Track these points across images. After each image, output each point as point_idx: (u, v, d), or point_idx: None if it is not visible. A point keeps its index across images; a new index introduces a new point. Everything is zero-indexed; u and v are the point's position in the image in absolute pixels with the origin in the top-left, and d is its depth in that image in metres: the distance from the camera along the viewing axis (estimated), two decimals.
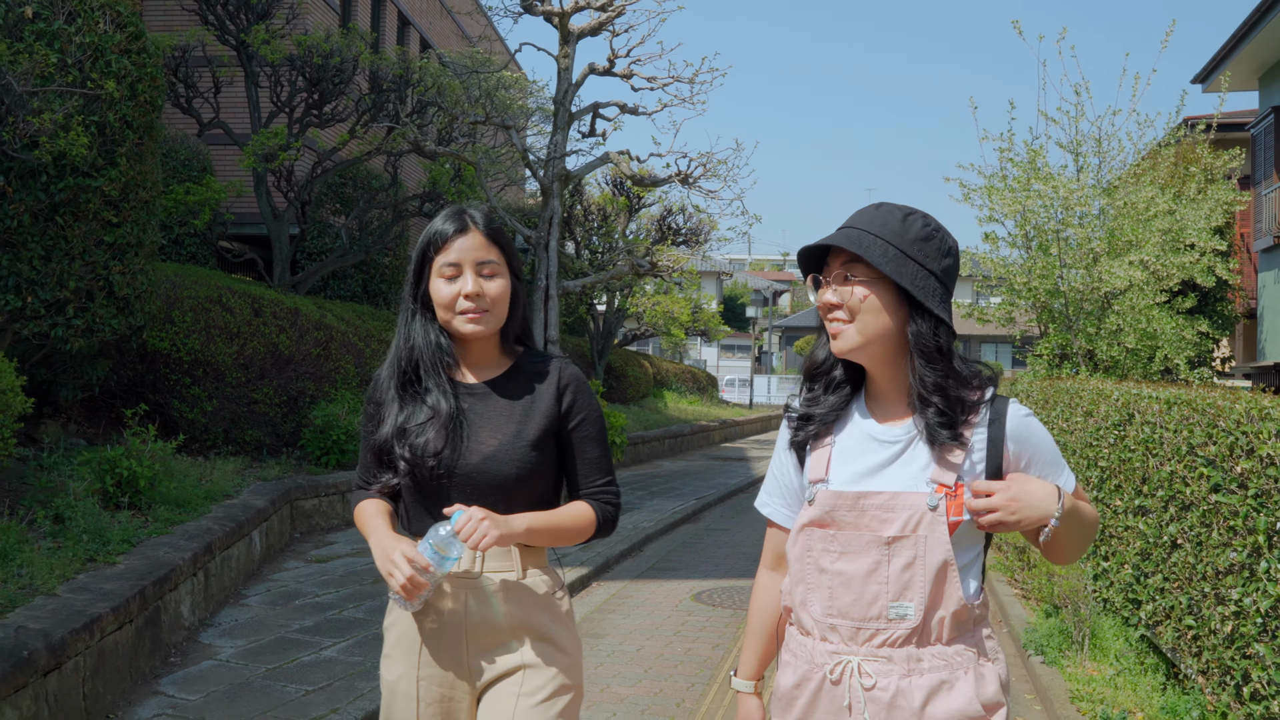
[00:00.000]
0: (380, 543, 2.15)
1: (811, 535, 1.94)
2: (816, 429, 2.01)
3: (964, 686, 1.85)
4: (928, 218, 1.96)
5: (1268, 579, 3.45)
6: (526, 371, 2.29)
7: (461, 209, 2.27)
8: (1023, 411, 1.94)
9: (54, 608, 4.35)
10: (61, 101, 6.60)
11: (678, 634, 6.39)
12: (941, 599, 1.86)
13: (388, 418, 2.23)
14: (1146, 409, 5.21)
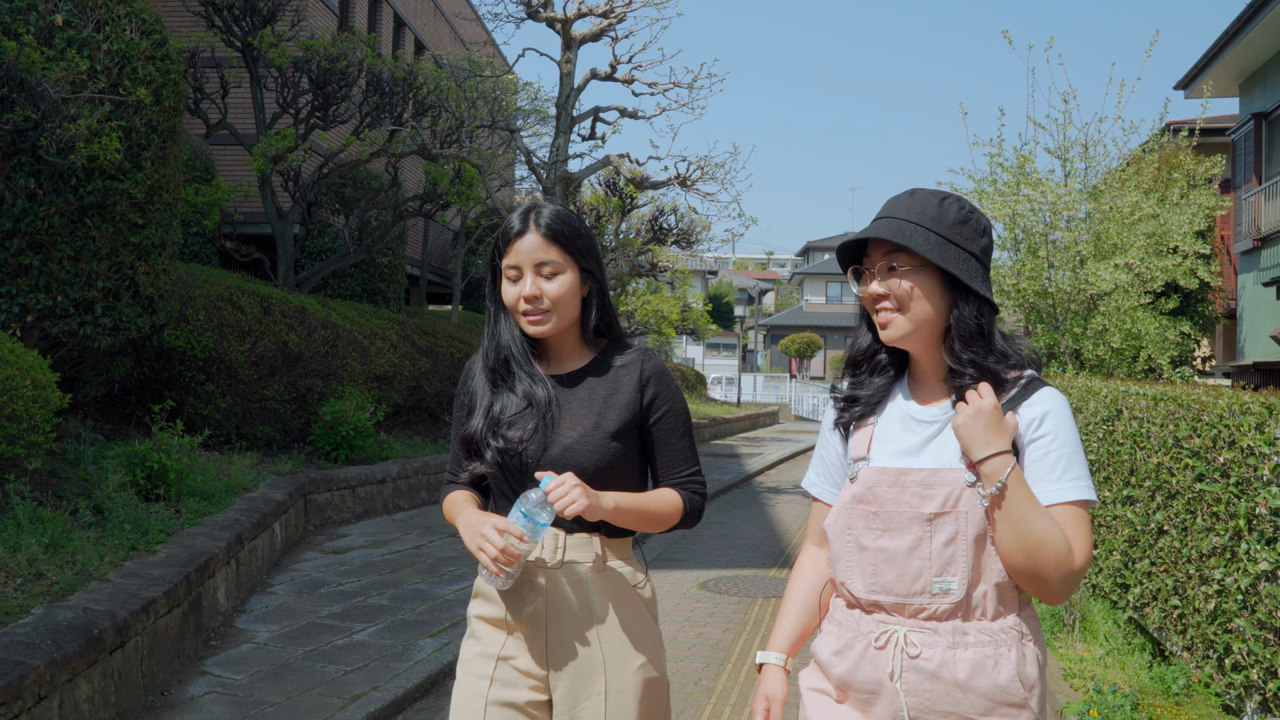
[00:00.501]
0: (468, 521, 2.16)
1: (853, 513, 1.96)
2: (862, 410, 2.03)
3: (1007, 663, 1.84)
4: (961, 200, 1.98)
5: (1247, 559, 3.76)
6: (608, 363, 2.28)
7: (529, 207, 2.27)
8: (1057, 395, 1.94)
9: (110, 592, 4.61)
10: (93, 108, 6.83)
11: (689, 619, 6.69)
12: (983, 573, 1.86)
13: (479, 408, 2.26)
14: (1134, 405, 5.54)
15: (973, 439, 1.81)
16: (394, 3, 20.59)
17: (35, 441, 5.87)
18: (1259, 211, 14.12)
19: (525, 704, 2.17)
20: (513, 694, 2.17)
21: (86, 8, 7.31)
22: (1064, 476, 1.85)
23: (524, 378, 2.23)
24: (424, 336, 13.96)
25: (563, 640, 2.16)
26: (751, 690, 5.26)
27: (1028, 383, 1.91)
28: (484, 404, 2.26)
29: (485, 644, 2.21)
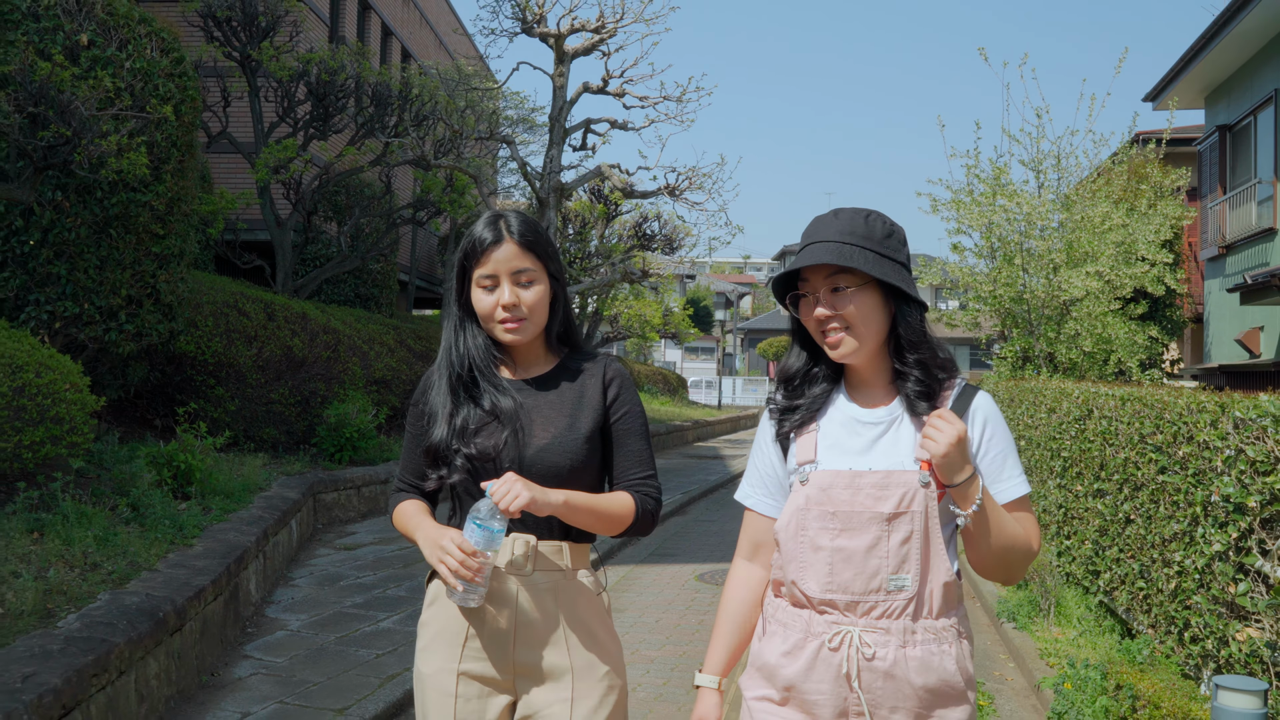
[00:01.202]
0: (427, 535, 2.17)
1: (807, 514, 1.99)
2: (801, 418, 2.08)
3: (949, 659, 1.95)
4: (881, 215, 2.04)
5: (1203, 541, 4.21)
6: (572, 368, 2.32)
7: (497, 216, 2.27)
8: (988, 399, 2.05)
9: (162, 580, 4.96)
10: (119, 124, 7.16)
11: (689, 608, 7.10)
12: (933, 571, 1.95)
13: (440, 420, 2.24)
14: (1104, 405, 5.99)
15: (953, 465, 1.87)
16: (381, 12, 20.91)
17: (75, 442, 6.22)
18: (1224, 220, 14.67)
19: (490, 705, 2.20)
20: (479, 706, 2.18)
21: (110, 27, 7.65)
22: (1009, 476, 1.99)
23: (489, 389, 2.23)
24: (418, 341, 14.31)
25: (531, 647, 2.18)
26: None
27: (963, 388, 2.03)
28: (446, 413, 2.23)
29: (443, 659, 2.20)
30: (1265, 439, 3.79)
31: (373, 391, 12.08)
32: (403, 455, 2.38)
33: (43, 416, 5.92)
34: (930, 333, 2.02)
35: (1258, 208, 13.48)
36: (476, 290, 2.23)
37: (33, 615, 4.09)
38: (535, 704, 2.18)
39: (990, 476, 1.99)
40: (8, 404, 5.72)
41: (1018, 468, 2.02)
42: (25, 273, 7.24)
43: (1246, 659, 3.78)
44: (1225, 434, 4.14)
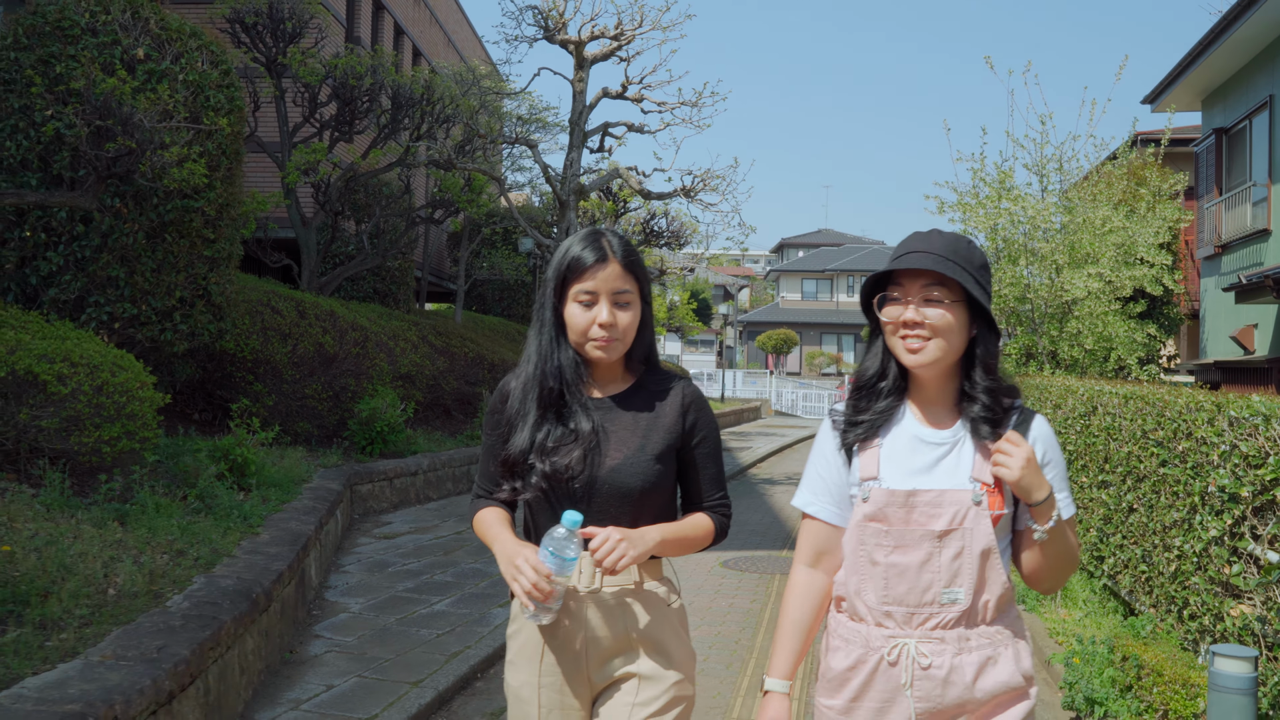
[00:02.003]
0: (504, 549, 2.21)
1: (865, 530, 2.08)
2: (865, 432, 2.14)
3: (1006, 661, 2.03)
4: (976, 246, 2.12)
5: (1201, 528, 4.65)
6: (649, 389, 2.34)
7: (599, 234, 2.29)
8: (1046, 423, 2.14)
9: (243, 565, 5.39)
10: (175, 135, 7.55)
11: (719, 592, 7.55)
12: (986, 584, 2.03)
13: (522, 431, 2.27)
14: (1107, 403, 6.43)
15: (1031, 485, 1.97)
16: (394, 12, 21.27)
17: (146, 437, 6.65)
18: (1220, 220, 15.12)
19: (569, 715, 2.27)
20: (557, 715, 2.26)
21: (163, 41, 8.06)
22: (1063, 496, 2.08)
23: (576, 407, 2.27)
24: (439, 337, 14.73)
25: (602, 659, 2.24)
26: None
27: (1021, 413, 2.12)
28: (530, 425, 2.27)
29: (526, 673, 2.28)
30: (1257, 435, 4.22)
31: (399, 386, 12.50)
32: (481, 462, 2.42)
33: (119, 413, 6.35)
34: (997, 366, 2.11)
35: (1252, 209, 13.92)
36: (573, 305, 2.24)
37: (145, 596, 4.52)
38: (609, 705, 2.24)
39: None
40: (89, 401, 6.14)
41: (1067, 491, 2.11)
42: (85, 276, 7.65)
43: (1240, 632, 4.22)
44: (1221, 431, 4.57)
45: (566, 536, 2.09)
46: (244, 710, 4.56)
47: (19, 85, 7.60)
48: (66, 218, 7.59)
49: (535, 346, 2.30)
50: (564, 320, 2.27)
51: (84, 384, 6.13)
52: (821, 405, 38.69)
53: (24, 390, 5.98)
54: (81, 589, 4.38)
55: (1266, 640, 4.03)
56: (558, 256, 2.27)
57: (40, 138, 7.53)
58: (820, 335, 63.80)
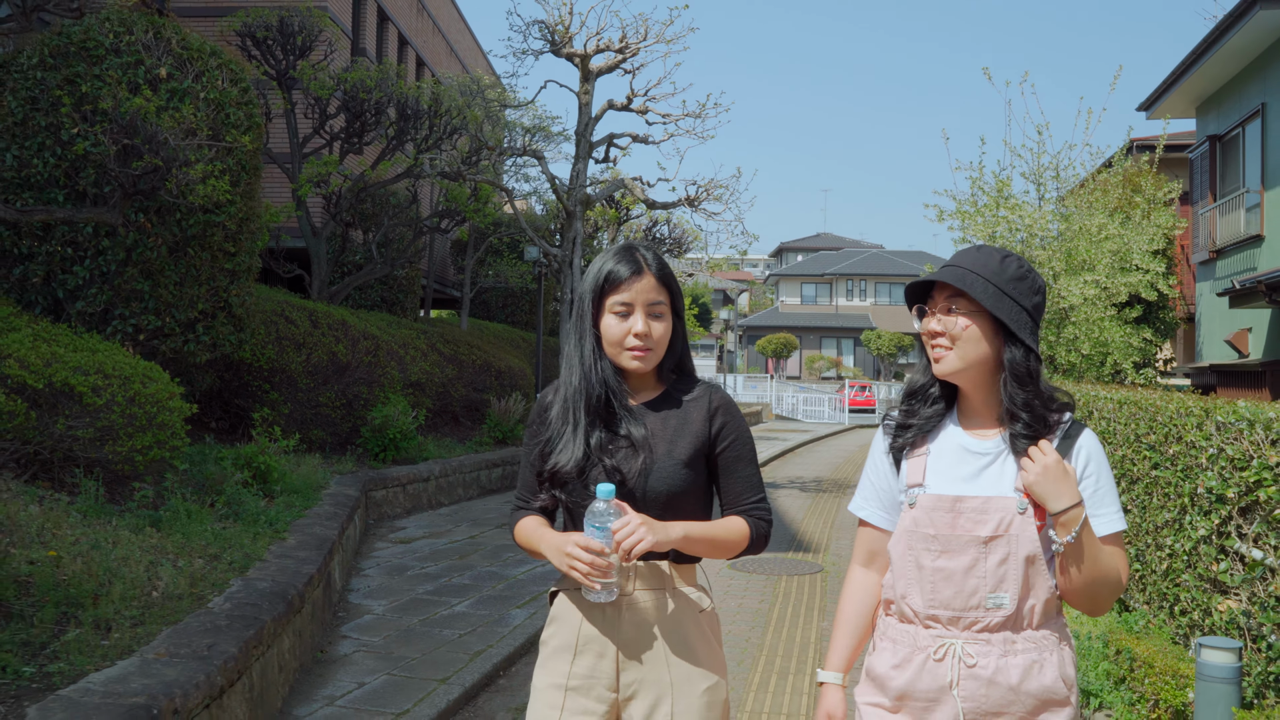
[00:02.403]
0: (552, 543, 2.25)
1: (913, 535, 2.15)
2: (914, 437, 2.22)
3: (1051, 666, 2.07)
4: (1022, 260, 2.16)
5: (1190, 528, 4.88)
6: (677, 396, 2.38)
7: (633, 248, 2.36)
8: (1094, 437, 2.15)
9: (275, 569, 5.62)
10: (199, 153, 7.79)
11: (728, 592, 7.78)
12: (1031, 589, 2.07)
13: (574, 440, 2.30)
14: (1103, 408, 6.67)
15: (1047, 494, 2.01)
16: (398, 23, 21.54)
17: (176, 446, 6.89)
18: (1214, 226, 15.37)
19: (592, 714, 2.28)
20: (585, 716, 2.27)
21: (185, 60, 8.30)
22: (1105, 512, 2.09)
23: (624, 414, 2.32)
24: (446, 345, 14.98)
25: (633, 664, 2.27)
26: (792, 644, 6.34)
27: (1070, 425, 2.14)
28: (580, 435, 2.31)
29: (554, 674, 2.30)
30: (1242, 440, 4.46)
31: (409, 394, 12.74)
32: (521, 474, 2.46)
33: (150, 423, 6.58)
34: (1039, 375, 2.12)
35: (1246, 215, 14.17)
36: (610, 316, 2.30)
37: (187, 598, 4.75)
38: (643, 711, 2.25)
39: (1090, 509, 2.07)
40: (122, 412, 6.38)
41: (1115, 504, 2.11)
42: (111, 289, 7.88)
43: (1226, 626, 4.46)
44: (1209, 435, 4.81)
45: (605, 509, 2.14)
46: (283, 706, 4.79)
47: (45, 104, 7.84)
48: (92, 233, 7.82)
49: (578, 358, 2.34)
50: (600, 332, 2.33)
51: (117, 395, 6.37)
52: (822, 409, 38.92)
53: (60, 401, 6.21)
54: (128, 591, 4.61)
55: (1251, 633, 4.27)
56: (593, 271, 2.33)
57: (66, 155, 7.76)
58: (820, 339, 64.06)
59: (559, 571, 2.29)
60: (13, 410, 5.95)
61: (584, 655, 2.28)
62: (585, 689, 2.27)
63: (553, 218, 19.53)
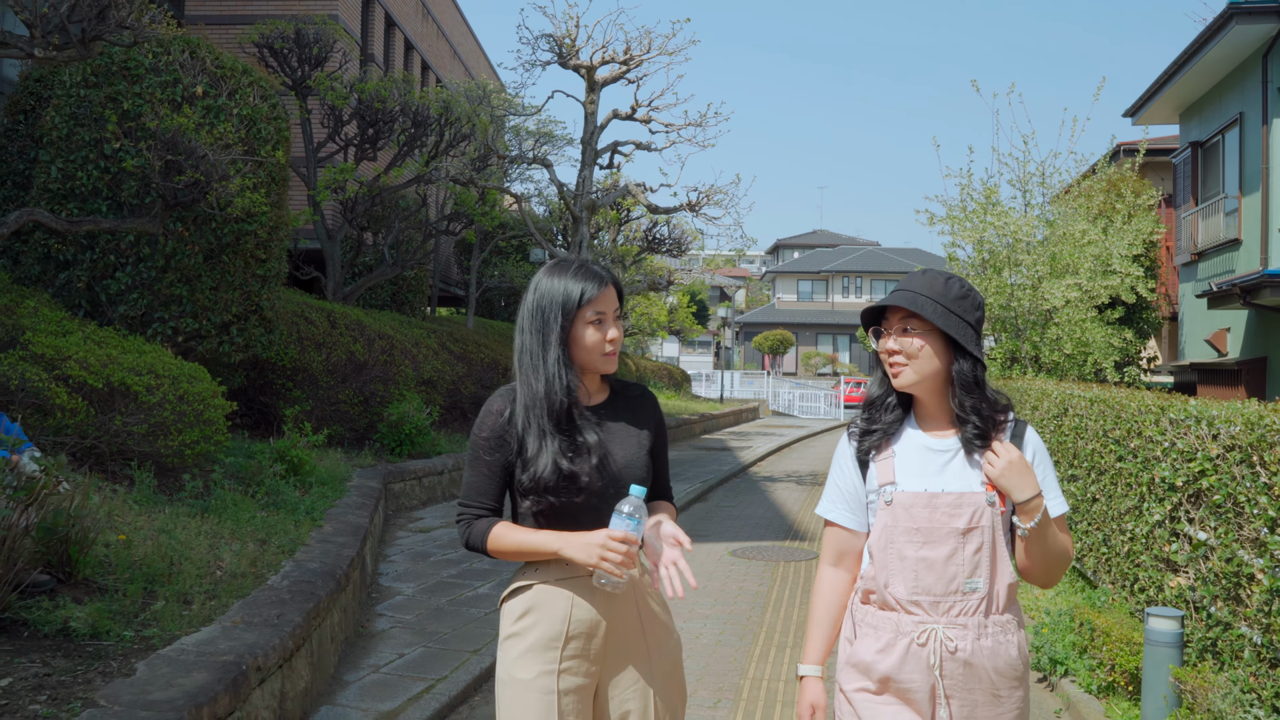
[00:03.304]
0: (571, 541, 2.39)
1: (893, 530, 2.34)
2: (878, 441, 2.43)
3: (1013, 646, 2.32)
4: (963, 281, 2.39)
5: (1147, 514, 5.45)
6: (623, 395, 2.63)
7: (587, 264, 2.54)
8: (1035, 432, 2.43)
9: (319, 552, 6.17)
10: (236, 167, 8.32)
11: (729, 577, 8.34)
12: (999, 574, 2.31)
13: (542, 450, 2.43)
14: (1076, 405, 7.23)
15: (1012, 486, 2.26)
16: (404, 29, 22.05)
17: (219, 441, 7.44)
18: (1195, 229, 15.94)
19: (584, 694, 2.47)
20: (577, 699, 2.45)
21: (219, 78, 8.83)
22: (1051, 497, 2.33)
23: (582, 421, 2.49)
24: (455, 343, 15.51)
25: (618, 637, 2.50)
26: (789, 622, 6.90)
27: (1014, 424, 2.40)
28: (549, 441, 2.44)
29: (545, 663, 2.42)
30: (1189, 434, 5.02)
31: (423, 391, 13.28)
32: (475, 482, 2.52)
33: (197, 419, 7.13)
34: (984, 382, 2.37)
35: (1225, 219, 14.74)
36: (586, 328, 2.48)
37: (249, 576, 5.30)
38: (621, 677, 2.50)
39: None
40: (173, 409, 6.92)
41: (1059, 491, 2.38)
42: (151, 294, 8.41)
43: (1175, 600, 5.03)
44: (1164, 430, 5.38)
45: (636, 506, 2.35)
46: (334, 672, 5.34)
47: (89, 120, 8.38)
48: (133, 241, 8.35)
49: (543, 369, 2.47)
50: (571, 343, 2.49)
51: (169, 394, 6.91)
52: (818, 405, 39.50)
53: (116, 399, 6.75)
54: (197, 570, 5.16)
55: (1195, 605, 4.83)
56: (560, 289, 2.48)
57: (109, 168, 8.30)
58: (816, 336, 64.64)
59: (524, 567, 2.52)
60: (75, 408, 6.49)
61: (576, 639, 2.43)
62: (574, 669, 2.44)
63: (555, 219, 20.05)
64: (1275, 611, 3.94)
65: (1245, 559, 4.27)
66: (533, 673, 2.41)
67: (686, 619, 7.02)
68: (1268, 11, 12.78)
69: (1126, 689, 5.03)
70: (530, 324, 2.51)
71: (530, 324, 2.51)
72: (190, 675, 3.74)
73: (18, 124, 9.25)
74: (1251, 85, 13.97)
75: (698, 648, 6.34)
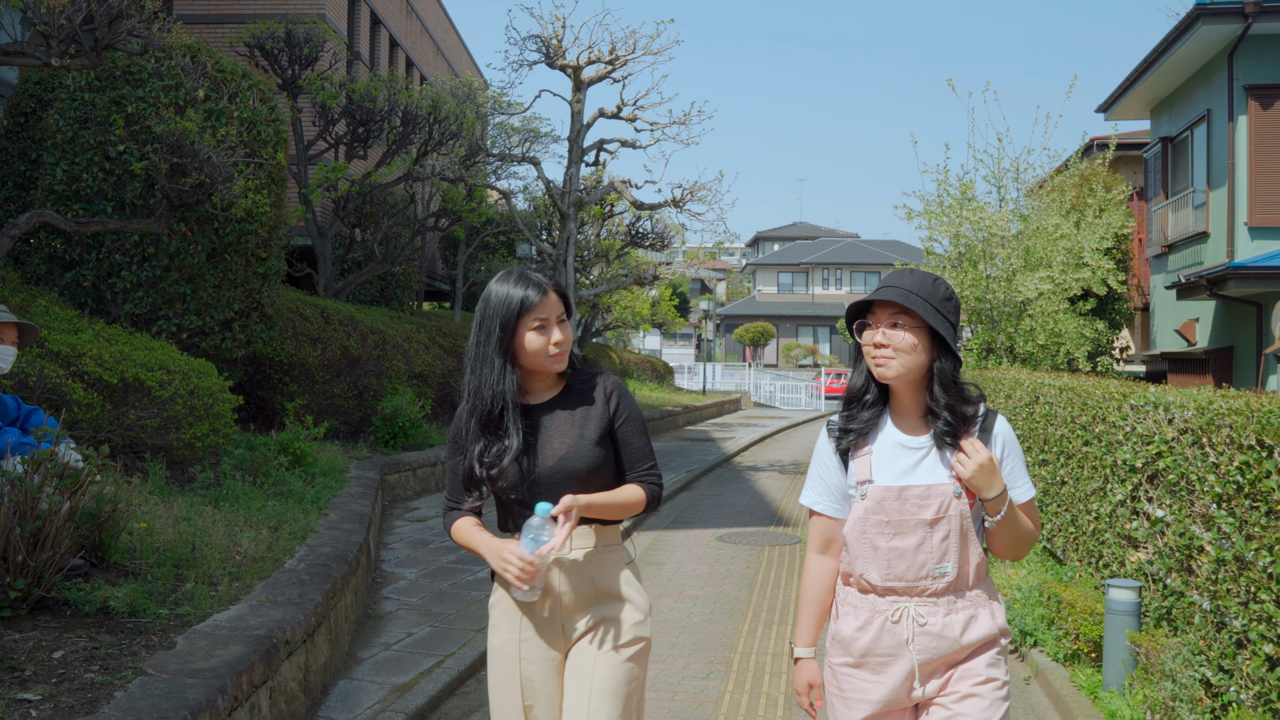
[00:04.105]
0: (489, 548, 2.63)
1: (867, 522, 2.49)
2: (855, 437, 2.55)
3: (985, 617, 2.48)
4: (947, 284, 2.51)
5: (1110, 494, 5.82)
6: (578, 388, 2.77)
7: (525, 274, 2.68)
8: (1006, 422, 2.55)
9: (329, 538, 6.47)
10: (241, 169, 8.59)
11: (716, 560, 8.69)
12: (969, 556, 2.46)
13: (472, 451, 2.66)
14: (1047, 393, 7.61)
15: (981, 485, 2.41)
16: (389, 26, 22.26)
17: (228, 434, 7.73)
18: (1166, 223, 16.39)
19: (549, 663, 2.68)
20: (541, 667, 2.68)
21: (220, 82, 9.09)
22: (1020, 484, 2.51)
23: (510, 426, 2.64)
24: (445, 338, 15.79)
25: (575, 612, 2.68)
26: (775, 601, 7.25)
27: (985, 416, 2.54)
28: (476, 448, 2.66)
29: (508, 632, 2.70)
30: (1148, 419, 5.40)
31: (414, 385, 13.56)
32: (449, 480, 2.80)
33: (207, 413, 7.42)
34: (960, 380, 2.52)
35: (1194, 213, 15.19)
36: (531, 334, 2.63)
37: (267, 560, 5.61)
38: (580, 652, 2.68)
39: (1009, 483, 2.49)
40: (184, 404, 7.21)
41: (1028, 477, 2.55)
42: (156, 292, 8.69)
43: (1135, 573, 5.41)
44: (1126, 415, 5.75)
45: (541, 524, 2.53)
46: (348, 649, 5.66)
47: (92, 123, 8.63)
48: (138, 241, 8.61)
49: (483, 379, 2.64)
50: (514, 351, 2.65)
51: (180, 389, 7.20)
52: (799, 396, 39.94)
53: (130, 394, 7.03)
54: (218, 555, 5.46)
55: (1152, 577, 5.21)
56: (502, 299, 2.62)
57: (114, 170, 8.56)
58: (796, 327, 65.09)
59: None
60: (90, 403, 6.77)
61: (533, 611, 2.67)
62: (536, 640, 2.67)
63: (539, 215, 20.33)
64: (1222, 580, 4.31)
65: (1196, 533, 4.64)
66: (500, 639, 2.70)
67: (678, 599, 7.36)
68: (1232, 12, 13.21)
69: (1090, 656, 5.41)
70: (476, 334, 2.67)
71: (476, 334, 2.67)
72: (227, 647, 4.06)
73: (18, 126, 9.46)
74: (1218, 83, 14.41)
75: (689, 625, 6.69)
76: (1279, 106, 13.96)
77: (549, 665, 2.68)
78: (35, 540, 4.11)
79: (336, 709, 4.82)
